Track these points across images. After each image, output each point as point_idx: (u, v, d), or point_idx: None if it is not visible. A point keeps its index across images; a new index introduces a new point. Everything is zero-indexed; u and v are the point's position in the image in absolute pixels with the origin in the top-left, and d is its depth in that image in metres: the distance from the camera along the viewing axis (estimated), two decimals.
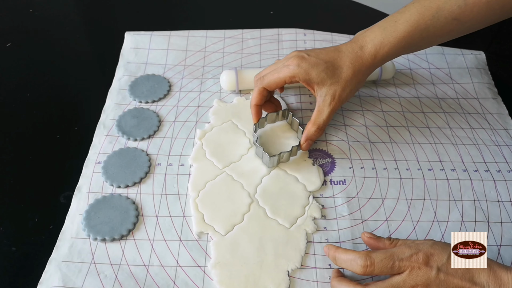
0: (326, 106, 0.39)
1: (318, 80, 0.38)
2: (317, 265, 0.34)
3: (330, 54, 0.39)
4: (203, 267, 0.34)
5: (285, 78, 0.39)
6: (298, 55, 0.39)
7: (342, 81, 0.38)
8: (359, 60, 0.38)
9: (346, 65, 0.38)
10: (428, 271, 0.29)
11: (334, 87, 0.38)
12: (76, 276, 0.33)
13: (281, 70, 0.39)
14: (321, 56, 0.39)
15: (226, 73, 0.46)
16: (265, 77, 0.40)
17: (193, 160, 0.41)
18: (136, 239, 0.35)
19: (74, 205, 0.37)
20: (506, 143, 0.44)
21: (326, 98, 0.39)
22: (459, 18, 0.37)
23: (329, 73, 0.38)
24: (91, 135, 0.43)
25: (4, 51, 0.53)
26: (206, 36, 0.53)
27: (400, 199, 0.39)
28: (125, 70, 0.49)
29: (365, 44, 0.38)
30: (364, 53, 0.38)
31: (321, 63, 0.38)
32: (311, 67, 0.38)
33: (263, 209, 0.37)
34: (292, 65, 0.38)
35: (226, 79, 0.45)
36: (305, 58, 0.38)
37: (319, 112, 0.39)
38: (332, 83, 0.38)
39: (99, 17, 0.59)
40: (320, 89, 0.39)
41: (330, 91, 0.38)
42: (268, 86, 0.40)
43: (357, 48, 0.39)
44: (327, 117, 0.39)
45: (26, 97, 0.48)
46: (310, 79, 0.38)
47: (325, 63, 0.38)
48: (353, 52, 0.38)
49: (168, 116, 0.45)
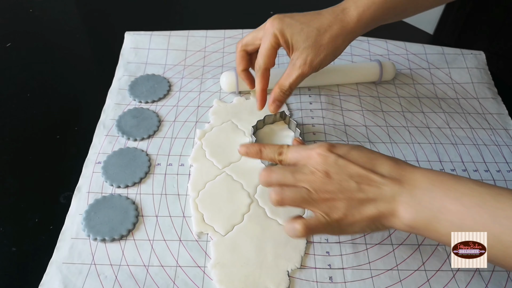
0: (295, 70, 0.37)
1: (292, 41, 0.36)
2: (317, 265, 0.34)
3: (307, 17, 0.37)
4: (203, 267, 0.34)
5: (271, 44, 0.37)
6: (276, 17, 0.37)
7: (316, 45, 0.36)
8: (339, 23, 0.36)
9: (323, 28, 0.36)
10: (327, 157, 0.29)
11: (307, 51, 0.36)
12: (77, 278, 0.33)
13: (257, 32, 0.38)
14: (297, 17, 0.37)
15: (226, 74, 0.46)
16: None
17: (193, 160, 0.41)
18: (136, 239, 0.35)
19: (74, 205, 0.37)
20: (506, 143, 0.44)
21: (297, 62, 0.37)
22: None
23: (303, 35, 0.36)
24: (91, 135, 0.43)
25: (4, 51, 0.53)
26: (206, 36, 0.53)
27: None
28: (125, 70, 0.49)
29: (348, 6, 0.37)
30: (345, 16, 0.36)
31: (296, 25, 0.36)
32: (286, 27, 0.36)
33: (263, 209, 0.37)
34: (269, 28, 0.37)
35: (226, 80, 0.45)
36: (281, 19, 0.37)
37: (287, 75, 0.38)
38: (306, 47, 0.36)
39: (99, 17, 0.59)
40: (293, 52, 0.37)
41: (302, 55, 0.36)
42: (245, 45, 0.39)
43: (338, 10, 0.37)
44: (294, 81, 0.37)
45: (26, 97, 0.48)
46: (286, 41, 0.37)
47: (300, 25, 0.36)
48: (333, 14, 0.37)
49: (168, 116, 0.45)
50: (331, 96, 0.47)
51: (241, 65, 0.40)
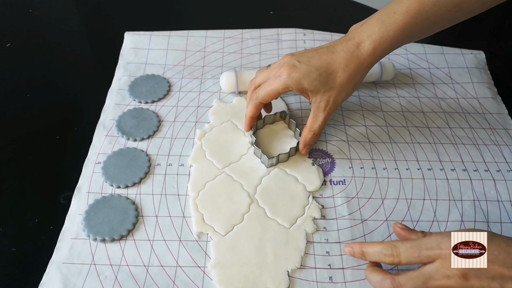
0: (321, 112, 0.38)
1: (311, 88, 0.37)
2: (317, 265, 0.34)
3: (323, 58, 0.37)
4: (203, 267, 0.34)
5: (278, 90, 0.37)
6: (289, 64, 0.37)
7: (337, 87, 0.37)
8: (356, 61, 0.36)
9: (341, 69, 0.36)
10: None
11: (329, 93, 0.37)
12: (77, 278, 0.33)
13: (273, 82, 0.38)
14: (313, 62, 0.36)
15: (226, 74, 0.46)
16: (259, 91, 0.39)
17: (192, 160, 0.41)
18: (136, 239, 0.35)
19: (74, 206, 0.37)
20: (506, 143, 0.44)
21: (320, 105, 0.38)
22: (460, 5, 0.35)
23: (322, 80, 0.36)
24: (90, 136, 0.43)
25: (3, 52, 0.53)
26: (206, 36, 0.53)
27: (400, 199, 0.39)
28: (125, 70, 0.49)
29: (362, 41, 0.36)
30: (361, 51, 0.36)
31: (313, 71, 0.36)
32: (302, 77, 0.36)
33: (263, 209, 0.37)
34: (283, 75, 0.37)
35: (226, 80, 0.45)
36: (296, 66, 0.36)
37: (314, 119, 0.38)
38: (326, 90, 0.37)
39: (99, 17, 0.59)
40: (314, 96, 0.37)
41: (324, 98, 0.37)
42: (263, 100, 0.39)
43: (353, 46, 0.36)
44: (322, 123, 0.38)
45: (26, 97, 0.48)
46: (303, 89, 0.37)
47: (317, 70, 0.36)
48: (348, 52, 0.36)
49: (168, 116, 0.45)
50: None
51: (252, 112, 0.40)
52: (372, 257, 0.30)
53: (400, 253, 0.29)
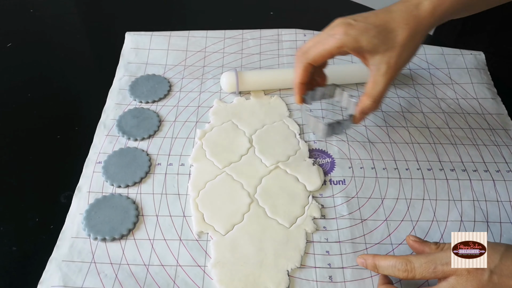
0: (381, 76, 0.34)
1: (369, 47, 0.33)
2: (317, 265, 0.34)
3: (380, 17, 0.34)
4: (203, 266, 0.34)
5: (331, 50, 0.34)
6: (344, 22, 0.34)
7: (398, 46, 0.33)
8: (415, 20, 0.33)
9: (401, 27, 0.33)
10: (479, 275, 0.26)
11: (389, 54, 0.33)
12: (76, 275, 0.33)
13: (326, 41, 0.34)
14: (371, 19, 0.33)
15: (226, 74, 0.46)
16: (310, 51, 0.35)
17: (193, 160, 0.41)
18: (136, 238, 0.35)
19: (75, 205, 0.37)
20: (506, 143, 0.44)
21: (381, 67, 0.33)
22: None
23: (382, 38, 0.33)
24: (91, 135, 0.43)
25: (4, 51, 0.53)
26: (206, 37, 0.53)
27: (400, 199, 0.39)
28: (126, 70, 0.49)
29: (421, 1, 0.33)
30: (420, 11, 0.33)
31: (372, 28, 0.33)
32: (360, 34, 0.33)
33: (263, 208, 0.37)
34: (339, 33, 0.33)
35: (226, 80, 0.46)
36: (352, 24, 0.33)
37: (374, 83, 0.34)
38: (386, 50, 0.33)
39: (99, 17, 0.60)
40: (372, 57, 0.34)
41: (384, 59, 0.33)
42: (313, 60, 0.35)
43: (411, 6, 0.33)
44: (383, 88, 0.34)
45: (27, 97, 0.48)
46: (361, 47, 0.33)
47: (375, 28, 0.33)
48: (407, 12, 0.33)
49: (168, 116, 0.45)
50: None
51: (301, 77, 0.36)
52: (385, 271, 0.30)
53: (414, 268, 0.28)
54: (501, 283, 0.26)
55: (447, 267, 0.27)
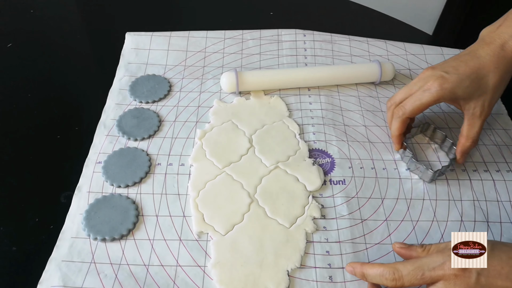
0: (477, 118, 0.38)
1: (464, 96, 0.37)
2: (317, 265, 0.34)
3: (470, 65, 0.37)
4: (203, 266, 0.34)
5: (428, 103, 0.37)
6: (436, 75, 0.37)
7: (490, 90, 0.37)
8: (504, 62, 0.36)
9: (492, 71, 0.36)
10: (466, 278, 0.26)
11: (482, 98, 0.37)
12: (76, 275, 0.33)
13: (422, 96, 0.37)
14: (461, 70, 0.37)
15: (227, 74, 0.46)
16: (406, 105, 0.38)
17: (193, 160, 0.41)
18: (136, 238, 0.35)
19: (75, 205, 0.37)
20: (505, 143, 0.44)
21: (475, 111, 0.37)
22: None
23: (475, 86, 0.36)
24: (91, 135, 0.43)
25: (5, 52, 0.53)
26: (206, 37, 0.53)
27: (400, 199, 0.39)
28: (126, 71, 0.49)
29: (506, 41, 0.36)
30: (507, 52, 0.36)
31: (465, 79, 0.36)
32: (455, 87, 0.36)
33: (263, 209, 0.37)
34: (434, 88, 0.37)
35: (226, 80, 0.46)
36: (446, 78, 0.36)
37: (470, 126, 0.38)
38: (480, 95, 0.37)
39: (99, 18, 0.60)
40: (467, 103, 0.37)
41: (478, 103, 0.37)
42: (411, 114, 0.39)
43: (497, 49, 0.36)
44: (479, 128, 0.38)
45: (27, 97, 0.48)
46: (457, 98, 0.37)
47: (468, 78, 0.36)
48: (494, 55, 0.36)
49: (169, 116, 0.45)
50: (330, 96, 0.48)
51: (400, 129, 0.40)
52: (373, 280, 0.30)
53: (402, 276, 0.28)
54: (488, 285, 0.26)
55: (435, 273, 0.27)
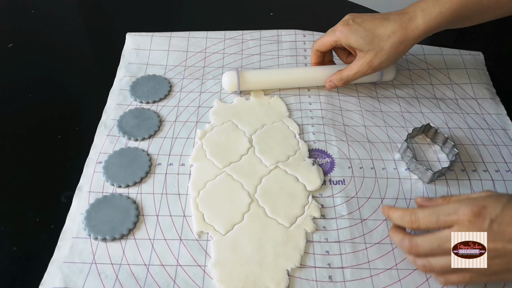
0: (356, 66, 0.42)
1: (356, 45, 0.41)
2: (317, 265, 0.35)
3: (375, 22, 0.41)
4: (203, 266, 0.34)
5: (330, 42, 0.43)
6: (345, 21, 0.42)
7: (378, 49, 0.41)
8: (403, 31, 0.39)
9: (386, 34, 0.40)
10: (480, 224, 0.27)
11: (370, 53, 0.41)
12: (77, 276, 0.33)
13: (328, 35, 0.44)
14: (365, 23, 0.41)
15: (228, 74, 0.46)
16: (318, 40, 0.45)
17: (193, 160, 0.41)
18: (136, 238, 0.35)
19: (75, 205, 0.37)
20: (505, 143, 0.44)
21: (360, 60, 0.42)
22: None
23: (367, 40, 0.41)
24: (92, 135, 0.43)
25: (5, 52, 0.53)
26: (207, 37, 0.53)
27: (399, 199, 0.39)
28: (126, 71, 0.49)
29: (415, 15, 0.39)
30: (411, 24, 0.39)
31: (361, 31, 0.41)
32: (351, 34, 0.41)
33: (263, 208, 0.37)
34: (337, 30, 0.42)
35: (228, 80, 0.46)
36: (349, 24, 0.42)
37: (348, 68, 0.43)
38: (369, 50, 0.41)
39: (100, 18, 0.60)
40: (358, 52, 0.42)
41: (365, 56, 0.41)
42: (318, 47, 0.45)
43: (405, 18, 0.40)
44: (353, 75, 0.43)
45: (28, 97, 0.48)
46: (350, 44, 0.42)
47: (365, 31, 0.41)
48: (399, 22, 0.40)
49: (169, 116, 0.45)
50: (330, 97, 0.48)
51: (313, 59, 0.47)
52: (395, 221, 0.33)
53: (418, 219, 0.30)
54: (501, 231, 0.27)
55: (449, 217, 0.29)
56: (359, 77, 0.43)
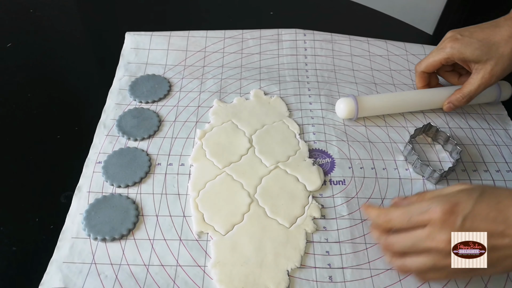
0: (477, 79, 0.40)
1: (472, 58, 0.40)
2: (317, 265, 0.34)
3: (485, 31, 0.40)
4: (203, 266, 0.34)
5: (440, 60, 0.42)
6: (452, 37, 0.41)
7: (498, 56, 0.39)
8: None
9: (504, 40, 0.39)
10: (452, 222, 0.27)
11: (490, 63, 0.39)
12: (77, 277, 0.33)
13: (436, 54, 0.42)
14: (475, 34, 0.40)
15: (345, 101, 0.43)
16: (422, 62, 0.44)
17: (193, 160, 0.41)
18: (136, 238, 0.35)
19: (75, 205, 0.37)
20: (505, 143, 0.44)
21: (479, 72, 0.40)
22: None
23: (485, 50, 0.39)
24: (91, 135, 0.43)
25: (4, 52, 0.53)
26: (206, 37, 0.53)
27: None
28: (126, 70, 0.49)
29: None
30: None
31: (475, 42, 0.39)
32: (464, 47, 0.40)
33: (263, 208, 0.37)
34: (447, 47, 0.41)
35: (344, 107, 0.43)
36: (459, 39, 0.40)
37: (468, 83, 0.41)
38: (488, 59, 0.39)
39: (99, 18, 0.60)
40: (474, 65, 0.40)
41: (485, 66, 0.40)
42: (425, 69, 0.44)
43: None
44: (475, 89, 0.41)
45: (27, 97, 0.48)
46: (465, 58, 0.40)
47: (478, 42, 0.39)
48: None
49: (168, 116, 0.45)
50: (331, 96, 0.48)
51: (419, 83, 0.46)
52: (373, 220, 0.33)
53: (391, 219, 0.30)
54: (473, 228, 0.27)
55: (422, 217, 0.29)
56: (482, 90, 0.41)
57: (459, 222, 0.27)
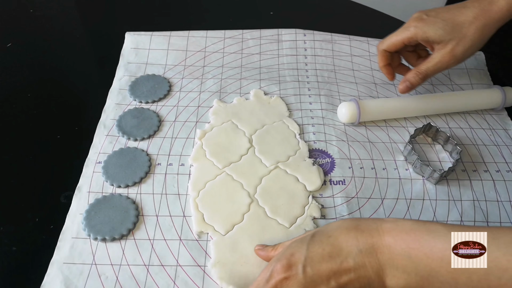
0: (436, 58, 0.39)
1: (435, 38, 0.38)
2: None
3: (451, 12, 0.39)
4: (203, 266, 0.34)
5: (403, 40, 0.40)
6: (417, 17, 0.39)
7: (460, 37, 0.38)
8: (486, 15, 0.37)
9: (468, 21, 0.38)
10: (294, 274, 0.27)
11: (452, 43, 0.38)
12: (78, 278, 0.33)
13: (400, 33, 0.40)
14: (441, 14, 0.39)
15: (346, 105, 0.43)
16: (385, 40, 0.42)
17: (193, 160, 0.41)
18: (136, 238, 0.35)
19: (75, 205, 0.37)
20: (505, 143, 0.44)
21: (439, 52, 0.39)
22: None
23: (447, 29, 0.38)
24: (91, 135, 0.43)
25: (4, 51, 0.53)
26: (206, 37, 0.53)
27: (400, 199, 0.39)
28: (126, 70, 0.49)
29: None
30: (492, 7, 0.37)
31: (439, 22, 0.38)
32: (428, 27, 0.38)
33: (263, 209, 0.37)
34: (411, 26, 0.39)
35: (346, 111, 0.43)
36: (424, 19, 0.39)
37: (426, 61, 0.40)
38: (450, 39, 0.38)
39: (99, 17, 0.60)
40: (437, 45, 0.39)
41: (446, 46, 0.38)
42: (387, 48, 0.42)
43: (485, 2, 0.38)
44: (432, 66, 0.39)
45: (27, 97, 0.48)
46: (428, 38, 0.39)
47: (443, 21, 0.38)
48: (479, 8, 0.38)
49: (168, 116, 0.45)
50: (331, 96, 0.48)
51: (380, 61, 0.43)
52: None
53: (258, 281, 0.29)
54: (315, 272, 0.26)
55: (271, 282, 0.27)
56: (440, 70, 0.40)
57: (300, 270, 0.26)
